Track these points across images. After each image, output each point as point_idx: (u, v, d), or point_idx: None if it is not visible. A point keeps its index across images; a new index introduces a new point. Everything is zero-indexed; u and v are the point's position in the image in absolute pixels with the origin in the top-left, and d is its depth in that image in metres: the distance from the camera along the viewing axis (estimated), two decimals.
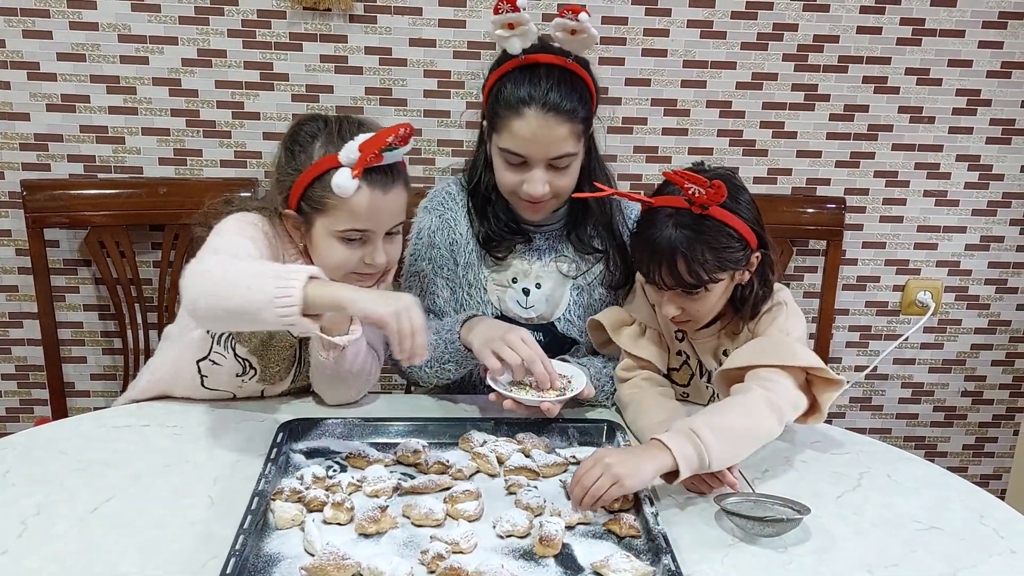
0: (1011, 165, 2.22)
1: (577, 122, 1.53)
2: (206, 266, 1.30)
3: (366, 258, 1.43)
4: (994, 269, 2.30)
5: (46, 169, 2.05)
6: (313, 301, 1.22)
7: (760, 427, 1.34)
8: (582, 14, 1.46)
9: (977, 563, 1.20)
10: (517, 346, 1.44)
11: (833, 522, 1.27)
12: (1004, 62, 2.13)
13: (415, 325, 1.24)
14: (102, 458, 1.37)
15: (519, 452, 1.39)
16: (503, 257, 1.67)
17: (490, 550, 1.17)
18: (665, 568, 1.11)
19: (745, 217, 1.41)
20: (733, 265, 1.41)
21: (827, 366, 1.41)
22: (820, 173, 2.20)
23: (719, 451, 1.26)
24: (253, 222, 1.47)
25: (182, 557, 1.14)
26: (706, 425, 1.28)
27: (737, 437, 1.30)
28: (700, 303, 1.44)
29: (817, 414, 1.43)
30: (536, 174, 1.55)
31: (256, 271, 1.26)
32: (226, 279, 1.26)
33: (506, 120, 1.53)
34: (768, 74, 2.11)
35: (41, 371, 2.13)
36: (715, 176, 1.39)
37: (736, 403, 1.35)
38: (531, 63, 1.53)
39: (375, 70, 2.05)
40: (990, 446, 2.46)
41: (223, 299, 1.25)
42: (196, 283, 1.28)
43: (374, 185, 1.39)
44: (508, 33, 1.51)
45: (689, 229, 1.37)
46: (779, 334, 1.45)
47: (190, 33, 1.99)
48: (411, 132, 1.36)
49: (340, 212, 1.39)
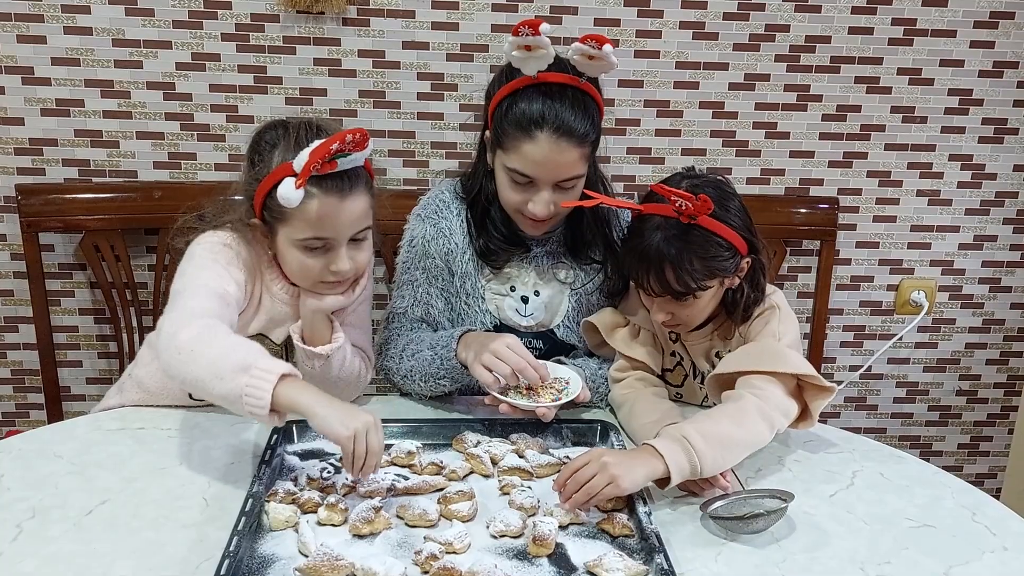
0: (1004, 164, 2.22)
1: (587, 145, 1.52)
2: (179, 341, 1.28)
3: (331, 265, 1.41)
4: (988, 268, 2.30)
5: (41, 173, 2.05)
6: (279, 403, 1.21)
7: (751, 435, 1.35)
8: (607, 46, 1.44)
9: (970, 560, 1.20)
10: (504, 355, 1.43)
11: (826, 520, 1.28)
12: (996, 61, 2.14)
13: (371, 448, 1.21)
14: (96, 461, 1.37)
15: (513, 452, 1.40)
16: (500, 267, 1.66)
17: (484, 550, 1.18)
18: (658, 567, 1.12)
19: (734, 225, 1.42)
20: (721, 272, 1.42)
21: (818, 372, 1.42)
22: (813, 173, 2.21)
23: (711, 458, 1.27)
24: (225, 243, 1.46)
25: (176, 559, 1.14)
26: (698, 432, 1.28)
27: (728, 444, 1.31)
28: (689, 309, 1.45)
29: (808, 420, 1.43)
30: (543, 195, 1.53)
31: (230, 363, 1.23)
32: (199, 363, 1.25)
33: (516, 140, 1.50)
34: (760, 75, 2.12)
35: (36, 375, 2.13)
36: (705, 183, 1.40)
37: (728, 411, 1.36)
38: (544, 82, 1.50)
39: (368, 73, 2.05)
40: (985, 445, 2.46)
41: (195, 382, 1.26)
42: (171, 359, 1.28)
43: (329, 192, 1.36)
44: (524, 55, 1.47)
45: (677, 239, 1.38)
46: (770, 339, 1.45)
47: (184, 37, 1.99)
48: (365, 136, 1.34)
49: (298, 221, 1.38)
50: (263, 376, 1.21)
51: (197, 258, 1.44)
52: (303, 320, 1.48)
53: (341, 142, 1.31)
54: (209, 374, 1.24)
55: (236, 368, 1.22)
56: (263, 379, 1.21)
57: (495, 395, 1.44)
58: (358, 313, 1.60)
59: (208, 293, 1.37)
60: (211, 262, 1.43)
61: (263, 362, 1.23)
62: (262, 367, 1.22)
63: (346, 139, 1.32)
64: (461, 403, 1.61)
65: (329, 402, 1.24)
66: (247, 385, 1.20)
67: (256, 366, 1.22)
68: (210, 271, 1.41)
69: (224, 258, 1.44)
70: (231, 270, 1.43)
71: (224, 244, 1.46)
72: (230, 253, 1.45)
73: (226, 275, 1.42)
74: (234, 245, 1.46)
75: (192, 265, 1.43)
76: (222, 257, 1.44)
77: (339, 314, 1.52)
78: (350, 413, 1.22)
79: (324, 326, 1.48)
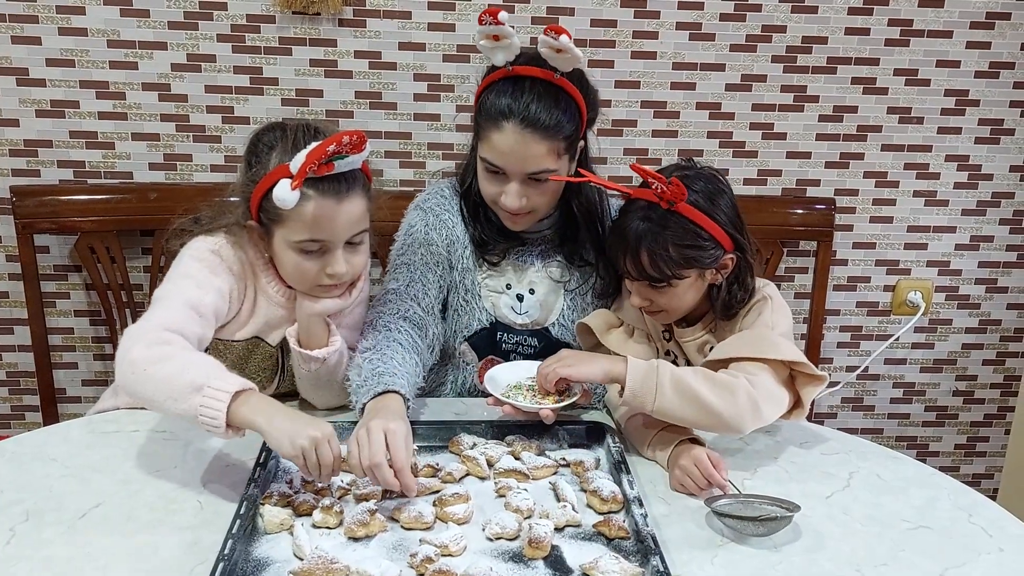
0: (1000, 165, 2.22)
1: (558, 139, 1.51)
2: (132, 357, 1.28)
3: (327, 268, 1.41)
4: (984, 269, 2.31)
5: (36, 175, 2.05)
6: (234, 420, 1.22)
7: (722, 408, 1.34)
8: (563, 36, 1.45)
9: (966, 561, 1.20)
10: (360, 445, 1.27)
11: (822, 522, 1.28)
12: (992, 62, 2.14)
13: (323, 461, 1.21)
14: (91, 464, 1.37)
15: (509, 455, 1.39)
16: (497, 262, 1.66)
17: (479, 552, 1.18)
18: (654, 569, 1.11)
19: (719, 220, 1.42)
20: (698, 264, 1.42)
21: (811, 362, 1.42)
22: (810, 174, 2.21)
23: (669, 399, 1.33)
24: (213, 249, 1.45)
25: (171, 562, 1.14)
26: (671, 373, 1.33)
27: (692, 401, 1.33)
28: (667, 297, 1.45)
29: (799, 409, 1.44)
30: (513, 187, 1.54)
31: (183, 383, 1.23)
32: (153, 382, 1.26)
33: (487, 131, 1.52)
34: (757, 76, 2.12)
35: (32, 377, 2.13)
36: (697, 175, 1.40)
37: (714, 378, 1.36)
38: (516, 75, 1.52)
39: (364, 74, 2.05)
40: (982, 445, 2.46)
41: (148, 401, 1.27)
42: (123, 375, 1.29)
43: (326, 194, 1.36)
44: (492, 45, 1.50)
45: (655, 223, 1.40)
46: (763, 328, 1.45)
47: (179, 38, 1.99)
48: (362, 139, 1.34)
49: (293, 223, 1.37)
50: (216, 396, 1.22)
51: (182, 265, 1.45)
52: (299, 324, 1.48)
53: (338, 144, 1.31)
54: (162, 394, 1.25)
55: (189, 388, 1.23)
56: (216, 399, 1.22)
57: (498, 397, 1.44)
58: (354, 315, 1.59)
59: (180, 304, 1.37)
60: (195, 270, 1.43)
61: (216, 381, 1.24)
62: (215, 386, 1.23)
63: (343, 141, 1.31)
64: (456, 405, 1.60)
65: (282, 418, 1.24)
66: (201, 405, 1.21)
67: (209, 385, 1.23)
68: (190, 280, 1.41)
69: (210, 265, 1.44)
70: (215, 279, 1.43)
71: (212, 251, 1.46)
72: (216, 260, 1.45)
73: (207, 284, 1.42)
74: (224, 251, 1.46)
75: (176, 272, 1.44)
76: (207, 264, 1.44)
77: (336, 316, 1.52)
78: (299, 431, 1.21)
79: (321, 329, 1.48)
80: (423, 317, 1.61)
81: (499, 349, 1.70)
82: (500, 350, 1.70)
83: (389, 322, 1.56)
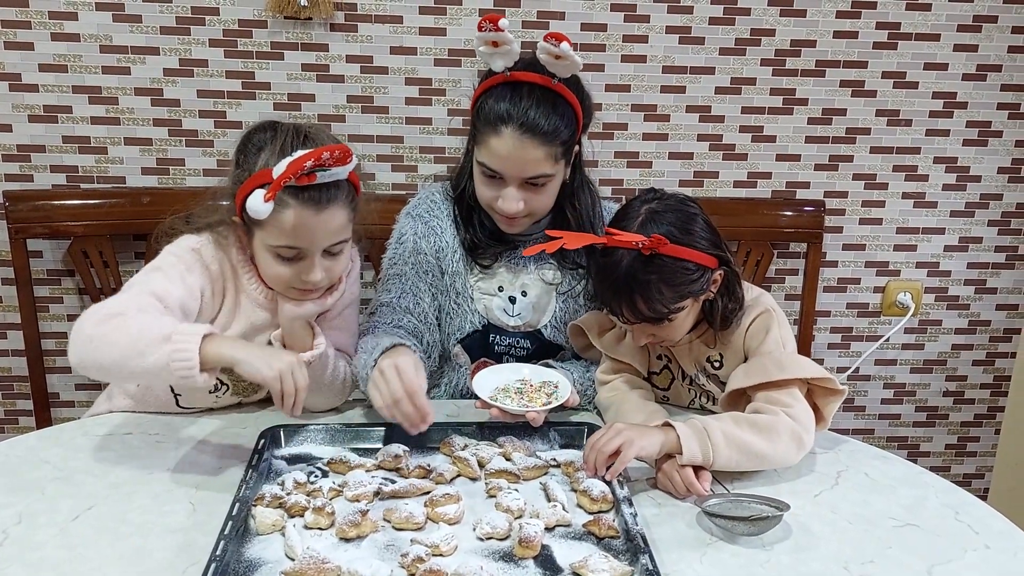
0: (988, 167, 2.24)
1: (555, 144, 1.53)
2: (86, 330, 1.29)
3: (302, 275, 1.41)
4: (973, 270, 2.32)
5: (29, 180, 2.05)
6: (207, 359, 1.25)
7: (775, 454, 1.36)
8: (564, 44, 1.46)
9: (952, 559, 1.21)
10: (388, 378, 1.38)
11: (811, 520, 1.29)
12: (979, 65, 2.16)
13: (298, 385, 1.27)
14: (84, 466, 1.37)
15: (500, 455, 1.40)
16: (488, 266, 1.67)
17: (470, 552, 1.18)
18: (643, 568, 1.12)
19: (700, 246, 1.41)
20: (693, 294, 1.43)
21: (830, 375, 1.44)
22: (799, 176, 2.22)
23: (724, 459, 1.33)
24: (193, 247, 1.46)
25: (163, 564, 1.14)
26: (720, 432, 1.33)
27: (745, 453, 1.34)
28: (668, 329, 1.45)
29: (822, 423, 1.46)
30: (510, 191, 1.56)
31: (150, 336, 1.25)
32: (116, 346, 1.26)
33: (485, 135, 1.54)
34: (746, 79, 2.13)
35: (25, 382, 2.13)
36: (666, 208, 1.41)
37: (757, 424, 1.36)
38: (515, 80, 1.53)
39: (356, 78, 2.06)
40: (972, 445, 2.47)
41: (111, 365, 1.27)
42: (81, 349, 1.29)
43: (305, 204, 1.36)
44: (491, 51, 1.52)
45: (643, 270, 1.38)
46: (775, 346, 1.45)
47: (172, 43, 2.00)
48: (346, 153, 1.34)
49: (272, 228, 1.38)
50: (186, 340, 1.24)
51: (157, 259, 1.46)
52: (282, 327, 1.48)
53: (316, 160, 1.31)
54: (128, 353, 1.25)
55: (157, 339, 1.24)
56: (188, 342, 1.24)
57: (485, 400, 1.45)
58: (344, 316, 1.60)
59: (145, 293, 1.37)
60: (168, 264, 1.44)
61: (182, 327, 1.28)
62: (182, 331, 1.26)
63: (323, 156, 1.32)
64: (448, 407, 1.61)
65: (255, 348, 1.31)
66: (173, 351, 1.23)
67: (176, 332, 1.25)
68: (160, 272, 1.42)
69: (186, 262, 1.45)
70: (187, 275, 1.44)
71: (192, 248, 1.46)
72: (193, 257, 1.46)
73: (177, 279, 1.42)
74: (204, 250, 1.47)
75: (150, 265, 1.45)
76: (184, 261, 1.45)
77: (323, 318, 1.53)
78: (274, 355, 1.29)
79: (304, 332, 1.48)
80: (417, 326, 1.63)
81: (492, 351, 1.71)
82: (493, 352, 1.71)
83: (384, 333, 1.57)
